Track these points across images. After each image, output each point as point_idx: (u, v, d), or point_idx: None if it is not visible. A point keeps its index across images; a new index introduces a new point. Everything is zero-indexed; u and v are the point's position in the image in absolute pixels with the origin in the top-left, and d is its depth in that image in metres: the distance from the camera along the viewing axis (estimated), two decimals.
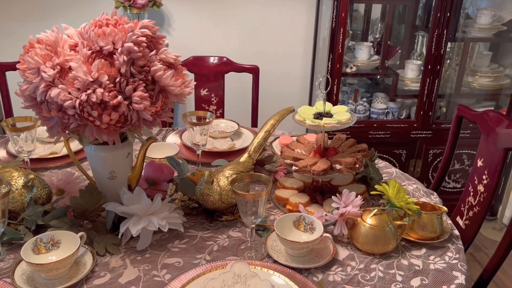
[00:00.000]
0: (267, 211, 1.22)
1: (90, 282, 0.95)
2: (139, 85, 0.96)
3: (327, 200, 1.20)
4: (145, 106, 0.95)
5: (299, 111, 1.22)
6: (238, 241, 1.10)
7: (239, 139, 1.69)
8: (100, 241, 1.05)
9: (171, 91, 1.01)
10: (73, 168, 1.42)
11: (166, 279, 0.96)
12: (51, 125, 0.98)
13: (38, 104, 0.97)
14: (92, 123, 0.94)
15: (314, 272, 0.99)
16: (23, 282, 0.93)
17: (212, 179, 1.14)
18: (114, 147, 1.11)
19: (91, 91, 0.92)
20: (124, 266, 1.00)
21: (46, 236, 0.99)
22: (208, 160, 1.45)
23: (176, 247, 1.07)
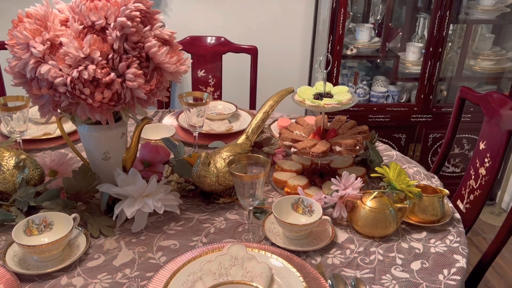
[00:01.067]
0: (265, 193, 1.20)
1: (83, 264, 0.93)
2: (132, 62, 0.92)
3: (326, 183, 1.18)
4: (139, 84, 0.92)
5: (298, 91, 1.19)
6: (235, 224, 1.08)
7: (237, 121, 1.66)
8: (94, 223, 1.02)
9: (166, 69, 0.97)
10: (67, 149, 1.39)
11: (161, 261, 0.94)
12: (42, 103, 0.95)
13: (28, 81, 0.94)
14: (84, 101, 0.91)
15: (313, 255, 0.97)
16: (15, 264, 0.91)
17: (209, 161, 1.11)
18: (108, 127, 1.08)
19: (82, 67, 0.88)
20: (118, 248, 0.98)
21: (38, 217, 0.96)
22: (205, 142, 1.43)
23: (172, 229, 1.05)
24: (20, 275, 0.87)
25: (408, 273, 0.93)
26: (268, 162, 0.97)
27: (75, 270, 0.91)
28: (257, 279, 0.85)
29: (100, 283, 0.88)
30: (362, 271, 0.93)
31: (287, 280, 0.87)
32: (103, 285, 0.87)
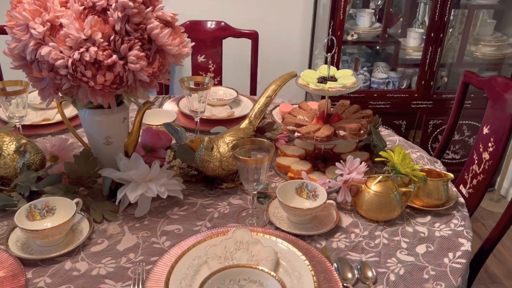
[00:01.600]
0: (268, 178, 1.19)
1: (87, 249, 0.92)
2: (134, 43, 0.91)
3: (329, 168, 1.17)
4: (142, 66, 0.90)
5: (302, 75, 1.17)
6: (239, 209, 1.07)
7: (238, 107, 1.64)
8: (97, 208, 1.01)
9: (168, 51, 0.95)
10: (67, 134, 1.37)
11: (166, 246, 0.94)
12: (43, 87, 0.93)
13: (28, 64, 0.92)
14: (86, 84, 0.89)
15: (317, 239, 0.97)
16: (18, 249, 0.90)
17: (212, 146, 1.10)
18: (110, 111, 1.06)
19: (84, 49, 0.87)
20: (122, 233, 0.97)
21: (40, 202, 0.95)
22: (207, 128, 1.41)
23: (175, 214, 1.04)
24: (23, 260, 0.87)
25: (413, 256, 0.92)
26: (273, 146, 0.96)
27: (78, 255, 0.90)
28: (262, 263, 0.85)
29: (104, 268, 0.87)
30: (367, 254, 0.93)
31: (292, 263, 0.87)
32: (107, 270, 0.87)
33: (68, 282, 0.83)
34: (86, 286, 0.83)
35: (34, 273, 0.85)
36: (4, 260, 0.86)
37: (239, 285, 0.80)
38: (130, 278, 0.85)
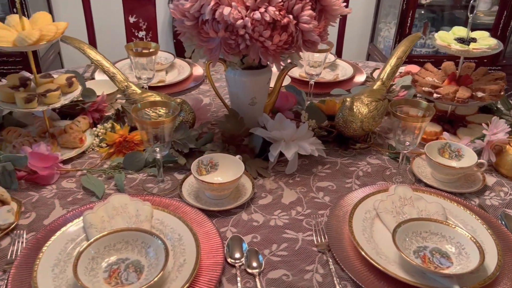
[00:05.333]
0: None
1: (255, 202, 0.97)
2: (306, 4, 0.92)
3: (460, 129, 1.19)
4: (314, 26, 0.92)
5: (438, 36, 1.18)
6: (380, 168, 1.11)
7: (336, 70, 1.66)
8: (251, 165, 1.06)
9: (332, 11, 0.97)
10: (185, 96, 1.41)
11: (326, 200, 0.99)
12: (212, 47, 0.96)
13: (200, 24, 0.94)
14: (261, 44, 0.91)
15: (469, 197, 1.01)
16: (193, 201, 0.95)
17: (352, 106, 1.12)
18: (258, 72, 1.09)
19: (263, 9, 0.89)
20: (280, 188, 1.02)
21: (206, 158, 1.00)
22: (314, 91, 1.43)
23: (322, 172, 1.08)
24: (203, 211, 0.92)
25: None
26: (433, 108, 0.98)
27: (250, 208, 0.96)
28: (435, 217, 0.89)
29: (279, 219, 0.92)
30: None
31: (461, 218, 0.91)
32: (283, 221, 0.92)
33: (253, 231, 0.89)
34: (270, 235, 0.88)
35: (217, 222, 0.91)
36: (188, 211, 0.91)
37: (421, 236, 0.84)
38: (307, 228, 0.90)
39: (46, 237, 0.82)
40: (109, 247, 0.77)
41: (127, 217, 0.85)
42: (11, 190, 0.96)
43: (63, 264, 0.76)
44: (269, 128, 1.08)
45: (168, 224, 0.86)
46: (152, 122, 0.91)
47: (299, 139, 1.09)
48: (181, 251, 0.80)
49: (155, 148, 0.94)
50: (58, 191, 0.98)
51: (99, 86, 1.29)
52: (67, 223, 0.85)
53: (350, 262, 0.81)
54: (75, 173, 1.04)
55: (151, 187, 1.00)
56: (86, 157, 1.10)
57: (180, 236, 0.83)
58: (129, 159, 1.04)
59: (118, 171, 1.03)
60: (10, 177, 0.96)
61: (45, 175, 0.98)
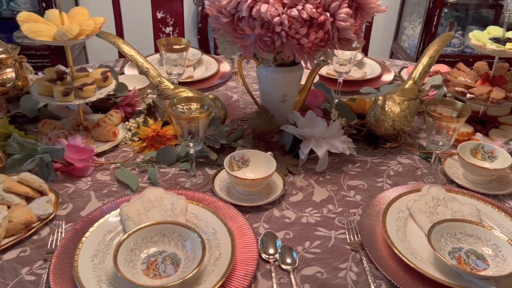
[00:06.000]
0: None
1: (286, 199, 0.98)
2: (343, 1, 0.92)
3: (492, 130, 1.18)
4: (351, 24, 0.92)
5: (472, 36, 1.17)
6: (411, 168, 1.10)
7: (363, 68, 1.65)
8: (281, 162, 1.06)
9: (368, 9, 0.96)
10: (212, 92, 1.42)
11: (357, 199, 0.98)
12: (247, 44, 0.96)
13: (235, 21, 0.95)
14: (297, 41, 0.92)
15: (503, 199, 0.99)
16: (225, 195, 0.96)
17: (384, 105, 1.12)
18: (290, 69, 1.10)
19: (301, 6, 0.89)
20: (311, 186, 1.02)
21: (237, 154, 1.01)
22: (342, 89, 1.43)
23: (352, 171, 1.08)
24: (235, 206, 0.93)
25: None
26: (468, 109, 0.97)
27: (281, 204, 0.96)
28: (469, 219, 0.88)
29: (311, 216, 0.93)
30: None
31: (496, 220, 0.90)
32: (315, 219, 0.92)
33: (285, 228, 0.89)
34: (303, 232, 0.88)
35: (249, 218, 0.92)
36: (221, 206, 0.92)
37: (456, 238, 0.84)
38: (339, 227, 0.90)
39: (84, 228, 0.84)
40: (147, 239, 0.79)
41: (163, 210, 0.87)
42: (48, 182, 0.98)
43: (102, 255, 0.78)
44: (300, 125, 1.09)
45: (203, 218, 0.87)
46: (188, 117, 0.92)
47: (330, 137, 1.09)
48: (216, 245, 0.81)
49: (189, 143, 0.95)
50: (93, 183, 1.00)
51: (129, 81, 1.31)
52: (104, 214, 0.87)
53: (384, 261, 0.81)
54: (109, 166, 1.05)
55: (184, 182, 1.02)
56: (119, 150, 1.12)
57: (215, 230, 0.84)
58: (162, 153, 1.06)
59: (151, 165, 1.04)
60: (48, 169, 0.98)
61: (80, 167, 1.00)
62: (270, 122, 1.10)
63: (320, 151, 1.03)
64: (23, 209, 0.84)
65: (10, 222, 0.81)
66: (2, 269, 0.77)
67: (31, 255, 0.80)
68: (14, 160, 0.98)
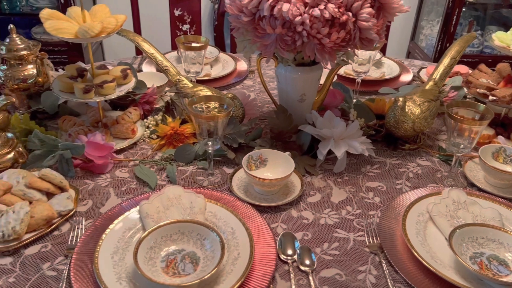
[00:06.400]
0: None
1: (304, 200, 0.97)
2: (365, 1, 0.91)
3: None
4: (373, 24, 0.91)
5: (496, 37, 1.14)
6: (431, 170, 1.09)
7: (381, 68, 1.63)
8: (299, 162, 1.06)
9: (390, 9, 0.95)
10: (228, 91, 1.42)
11: (376, 201, 0.98)
12: (267, 43, 0.96)
13: (256, 20, 0.94)
14: (318, 41, 0.91)
15: None
16: (242, 195, 0.96)
17: (405, 106, 1.11)
18: (310, 68, 1.09)
19: (323, 6, 0.88)
20: (329, 187, 1.02)
21: (256, 153, 1.01)
22: (359, 88, 1.41)
23: (371, 172, 1.07)
24: (253, 205, 0.93)
25: None
26: (491, 112, 0.95)
27: (299, 205, 0.96)
28: (491, 223, 0.87)
29: (329, 218, 0.92)
30: None
31: None
32: (333, 220, 0.91)
33: (303, 229, 0.89)
34: (321, 233, 0.88)
35: (267, 218, 0.91)
36: (239, 205, 0.92)
37: (478, 242, 0.82)
38: (358, 229, 0.89)
39: (104, 224, 0.85)
40: (166, 237, 0.79)
41: (182, 209, 0.87)
42: (68, 178, 0.99)
43: (122, 252, 0.79)
44: (318, 125, 1.08)
45: (221, 217, 0.87)
46: (207, 116, 0.92)
47: (349, 138, 1.08)
48: (235, 245, 0.81)
49: (207, 141, 0.95)
50: (112, 180, 1.00)
51: (147, 78, 1.32)
52: (124, 212, 0.88)
53: (404, 264, 0.80)
54: (128, 163, 1.06)
55: (202, 180, 1.02)
56: (137, 148, 1.12)
57: (233, 230, 0.84)
58: (180, 151, 1.06)
59: (169, 163, 1.05)
60: (68, 165, 0.99)
61: (100, 164, 1.01)
62: (288, 121, 1.10)
63: (339, 152, 1.03)
64: (45, 204, 0.85)
65: (31, 218, 0.82)
66: (24, 264, 0.78)
67: (52, 251, 0.81)
68: (35, 156, 1.00)
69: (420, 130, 1.12)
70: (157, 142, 1.12)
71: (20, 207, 0.82)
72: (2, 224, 0.79)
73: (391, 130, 1.13)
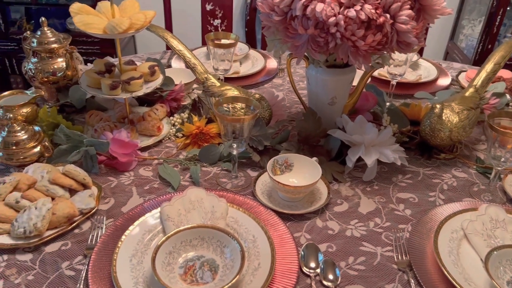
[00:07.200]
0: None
1: (330, 208, 0.93)
2: (405, 2, 0.85)
3: None
4: (412, 27, 0.85)
5: None
6: (468, 182, 1.02)
7: (418, 70, 1.56)
8: (326, 168, 1.02)
9: (431, 11, 0.89)
10: (256, 90, 1.39)
11: (407, 214, 0.93)
12: (298, 44, 0.92)
13: (288, 20, 0.91)
14: (353, 43, 0.86)
15: None
16: (266, 201, 0.93)
17: (442, 114, 1.04)
18: (342, 71, 1.04)
19: (359, 7, 0.83)
20: (357, 196, 0.97)
21: (281, 158, 0.97)
22: (394, 91, 1.35)
23: (402, 182, 1.02)
24: (276, 212, 0.89)
25: None
26: None
27: (324, 214, 0.92)
28: None
29: (356, 229, 0.88)
30: None
31: None
32: (360, 232, 0.87)
33: (328, 240, 0.85)
34: (347, 246, 0.84)
35: (291, 226, 0.88)
36: (261, 211, 0.89)
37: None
38: (386, 243, 0.85)
39: (124, 225, 0.84)
40: (186, 243, 0.77)
41: (203, 213, 0.85)
42: (92, 174, 0.98)
43: (140, 255, 0.77)
44: (349, 131, 1.03)
45: (243, 224, 0.85)
46: (233, 119, 0.89)
47: (380, 145, 1.03)
48: (256, 254, 0.78)
49: (232, 144, 0.93)
50: (136, 178, 0.99)
51: (175, 74, 1.30)
52: (145, 212, 0.86)
53: (434, 285, 0.75)
54: (152, 161, 1.05)
55: (225, 182, 0.99)
56: (163, 145, 1.11)
57: (255, 238, 0.81)
58: (204, 152, 1.04)
59: (193, 163, 1.03)
60: (92, 161, 0.99)
61: (124, 161, 1.00)
62: (317, 125, 1.06)
63: (369, 159, 0.98)
64: (67, 202, 0.85)
65: (53, 215, 0.82)
66: (43, 262, 0.77)
67: (72, 249, 0.80)
68: (61, 151, 1.00)
69: (457, 139, 1.06)
70: (182, 141, 1.10)
71: (42, 204, 0.82)
72: (24, 220, 0.79)
73: (426, 138, 1.07)
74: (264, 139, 1.04)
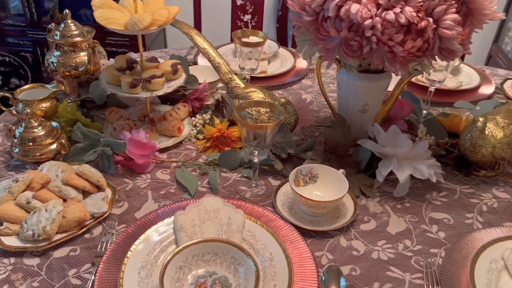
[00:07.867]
0: None
1: (356, 226, 0.86)
2: (451, 6, 0.77)
3: None
4: (458, 33, 0.77)
5: None
6: (510, 204, 0.93)
7: (459, 75, 1.46)
8: (354, 181, 0.95)
9: (480, 16, 0.81)
10: (283, 93, 1.32)
11: (441, 236, 0.85)
12: (330, 47, 0.85)
13: (320, 20, 0.84)
14: (390, 49, 0.79)
15: None
16: (287, 214, 0.87)
17: (485, 128, 0.95)
18: (377, 77, 0.97)
19: (399, 9, 0.75)
20: (386, 213, 0.90)
21: (305, 168, 0.91)
22: (432, 99, 1.26)
23: (437, 200, 0.94)
24: (296, 227, 0.83)
25: None
26: None
27: (349, 231, 0.85)
28: None
29: (383, 252, 0.81)
30: None
31: None
32: (388, 255, 0.80)
33: (352, 262, 0.78)
34: (372, 270, 0.77)
35: (312, 244, 0.82)
36: (281, 226, 0.83)
37: None
38: (416, 269, 0.77)
39: (136, 232, 0.79)
40: (198, 257, 0.72)
41: (218, 224, 0.80)
42: (107, 175, 0.95)
43: (150, 268, 0.73)
44: (381, 141, 0.96)
45: (260, 239, 0.79)
46: (254, 125, 0.83)
47: (415, 159, 0.95)
48: (272, 274, 0.73)
49: (253, 151, 0.87)
50: (152, 181, 0.95)
51: (200, 72, 1.25)
52: (158, 220, 0.82)
53: None
54: (170, 164, 1.00)
55: (244, 191, 0.94)
56: (182, 147, 1.07)
57: (272, 256, 0.76)
58: (225, 157, 0.99)
59: (212, 168, 0.98)
60: (108, 162, 0.95)
61: (141, 163, 0.96)
62: (345, 134, 0.99)
63: (402, 175, 0.90)
64: (78, 205, 0.81)
65: (63, 218, 0.79)
66: (50, 268, 0.74)
67: (80, 256, 0.77)
68: (77, 149, 0.97)
69: (500, 156, 0.96)
70: (203, 143, 1.05)
71: (53, 206, 0.78)
72: (34, 223, 0.76)
73: (465, 153, 0.98)
74: (288, 146, 0.98)
